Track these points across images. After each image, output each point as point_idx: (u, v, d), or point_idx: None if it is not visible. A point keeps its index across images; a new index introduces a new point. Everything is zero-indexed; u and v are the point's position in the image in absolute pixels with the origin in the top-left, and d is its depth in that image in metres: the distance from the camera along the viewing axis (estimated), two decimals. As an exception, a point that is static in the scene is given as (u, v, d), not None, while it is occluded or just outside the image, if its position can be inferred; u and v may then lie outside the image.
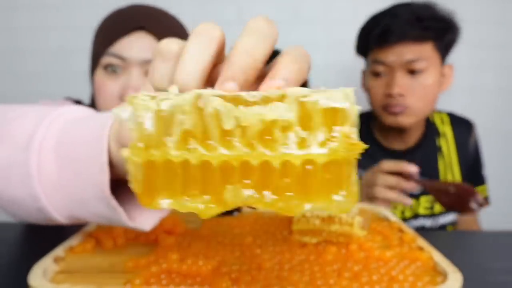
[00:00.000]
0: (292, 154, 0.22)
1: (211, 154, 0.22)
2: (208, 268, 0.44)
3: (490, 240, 0.63)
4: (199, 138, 0.22)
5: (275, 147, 0.22)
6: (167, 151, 0.22)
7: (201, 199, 0.23)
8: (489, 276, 0.48)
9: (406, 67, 0.89)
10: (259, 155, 0.22)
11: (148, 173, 0.23)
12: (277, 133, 0.22)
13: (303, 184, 0.22)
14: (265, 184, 0.23)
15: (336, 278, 0.43)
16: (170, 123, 0.22)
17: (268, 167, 0.22)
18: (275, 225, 0.59)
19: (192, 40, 0.26)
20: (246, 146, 0.22)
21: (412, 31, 0.87)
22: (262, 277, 0.43)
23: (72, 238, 0.52)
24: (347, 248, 0.51)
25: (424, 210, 0.98)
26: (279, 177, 0.22)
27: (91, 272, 0.45)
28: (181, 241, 0.54)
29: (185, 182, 0.23)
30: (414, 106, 0.91)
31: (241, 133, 0.22)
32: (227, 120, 0.22)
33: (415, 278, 0.43)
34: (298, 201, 0.23)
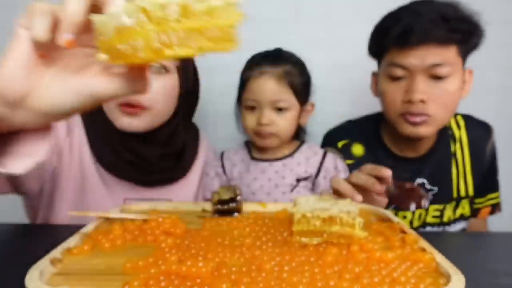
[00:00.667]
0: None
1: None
2: (207, 269, 0.43)
3: (493, 241, 0.62)
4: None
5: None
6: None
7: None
8: (492, 278, 0.48)
9: (428, 72, 0.81)
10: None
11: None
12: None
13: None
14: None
15: (336, 279, 0.42)
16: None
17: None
18: (275, 226, 0.59)
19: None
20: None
21: (437, 32, 0.78)
22: (262, 278, 0.42)
23: (70, 240, 0.52)
24: (348, 249, 0.50)
25: (432, 219, 0.94)
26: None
27: (88, 274, 0.45)
28: (180, 242, 0.53)
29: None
30: (436, 114, 0.83)
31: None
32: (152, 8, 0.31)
33: (417, 280, 0.42)
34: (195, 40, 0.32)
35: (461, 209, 0.95)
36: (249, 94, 0.94)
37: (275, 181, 0.94)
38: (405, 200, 0.50)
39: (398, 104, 0.85)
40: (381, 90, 0.90)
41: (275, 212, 0.67)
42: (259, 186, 0.94)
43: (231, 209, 0.66)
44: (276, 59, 0.95)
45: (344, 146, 0.98)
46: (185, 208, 0.71)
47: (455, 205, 0.95)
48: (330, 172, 0.96)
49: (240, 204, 0.67)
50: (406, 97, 0.83)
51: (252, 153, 1.00)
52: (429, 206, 0.93)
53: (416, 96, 0.81)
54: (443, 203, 0.94)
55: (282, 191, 0.93)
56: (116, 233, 0.55)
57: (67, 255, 0.49)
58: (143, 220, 0.60)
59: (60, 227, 0.66)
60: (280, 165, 0.96)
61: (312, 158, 0.96)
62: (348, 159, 0.97)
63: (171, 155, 0.89)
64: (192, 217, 0.67)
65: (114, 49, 0.33)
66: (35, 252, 0.46)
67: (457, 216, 0.96)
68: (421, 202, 0.50)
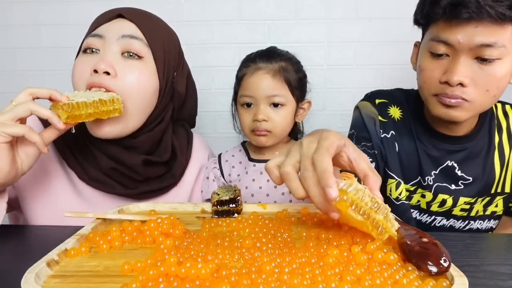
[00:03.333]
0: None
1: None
2: (207, 271, 0.42)
3: (498, 243, 0.61)
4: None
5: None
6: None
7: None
8: (496, 281, 0.47)
9: (475, 52, 0.72)
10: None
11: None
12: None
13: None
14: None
15: (338, 281, 0.42)
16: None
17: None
18: (275, 228, 0.58)
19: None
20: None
21: (494, 7, 0.67)
22: (262, 280, 0.41)
23: (67, 241, 0.51)
24: (349, 251, 0.49)
25: (459, 212, 0.87)
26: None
27: (86, 276, 0.44)
28: (179, 243, 0.52)
29: None
30: (475, 100, 0.75)
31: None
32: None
33: (420, 282, 0.42)
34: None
35: (494, 207, 0.88)
36: (244, 91, 0.94)
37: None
38: (424, 259, 0.45)
39: (435, 83, 0.77)
40: (420, 65, 0.81)
41: (275, 213, 0.67)
42: (258, 187, 0.94)
43: (230, 210, 0.66)
44: (270, 56, 0.95)
45: (381, 104, 0.92)
46: (184, 209, 0.70)
47: (488, 201, 0.88)
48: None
49: (240, 205, 0.67)
50: (444, 78, 0.75)
51: (249, 154, 1.00)
52: (459, 198, 0.85)
53: (455, 78, 0.73)
54: (475, 196, 0.86)
55: (281, 192, 0.93)
56: (114, 234, 0.54)
57: (64, 257, 0.48)
58: (142, 221, 0.59)
59: (57, 228, 0.65)
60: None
61: None
62: (382, 116, 0.91)
63: (158, 164, 0.81)
64: (191, 218, 0.66)
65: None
66: (31, 254, 0.46)
67: (488, 213, 0.89)
68: (439, 261, 0.43)
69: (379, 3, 1.34)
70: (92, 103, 0.64)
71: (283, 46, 1.04)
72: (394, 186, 0.89)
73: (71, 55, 0.72)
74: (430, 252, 0.45)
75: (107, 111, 0.67)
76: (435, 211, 0.88)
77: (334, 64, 1.38)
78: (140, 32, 0.75)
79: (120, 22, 0.75)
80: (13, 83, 1.43)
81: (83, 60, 0.74)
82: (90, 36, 0.75)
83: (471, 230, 0.90)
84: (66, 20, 1.38)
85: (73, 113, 0.63)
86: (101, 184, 0.76)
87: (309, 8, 1.36)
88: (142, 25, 0.75)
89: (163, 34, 0.80)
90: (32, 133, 0.58)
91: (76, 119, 0.64)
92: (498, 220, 0.92)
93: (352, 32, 1.36)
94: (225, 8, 1.36)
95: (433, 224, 0.90)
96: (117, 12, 0.76)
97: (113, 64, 0.71)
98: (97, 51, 0.73)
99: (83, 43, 0.76)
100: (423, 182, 0.87)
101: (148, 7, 0.81)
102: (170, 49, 0.80)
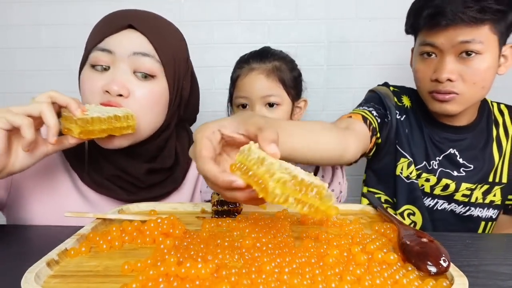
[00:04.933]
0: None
1: None
2: (207, 271, 0.42)
3: (497, 243, 0.61)
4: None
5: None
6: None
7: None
8: (495, 281, 0.47)
9: (459, 49, 0.82)
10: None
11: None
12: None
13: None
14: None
15: (338, 281, 0.42)
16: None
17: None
18: (275, 228, 0.58)
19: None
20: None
21: (467, 13, 0.78)
22: (262, 280, 0.41)
23: (67, 241, 0.51)
24: (349, 251, 0.49)
25: (461, 197, 0.93)
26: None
27: (86, 276, 0.44)
28: (179, 243, 0.52)
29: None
30: (464, 93, 0.84)
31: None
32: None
33: (420, 282, 0.42)
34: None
35: (492, 196, 0.94)
36: (239, 92, 0.93)
37: None
38: (423, 259, 0.45)
39: (428, 82, 0.88)
40: (414, 67, 0.92)
41: (275, 213, 0.67)
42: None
43: (231, 210, 0.66)
44: (264, 56, 0.95)
45: (395, 91, 1.00)
46: (184, 209, 0.70)
47: (487, 189, 0.94)
48: (328, 170, 0.95)
49: (240, 205, 0.67)
50: (434, 76, 0.85)
51: None
52: (461, 184, 0.92)
53: (443, 75, 0.83)
54: (476, 182, 0.93)
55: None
56: (114, 234, 0.54)
57: (64, 257, 0.48)
58: (142, 221, 0.59)
59: (57, 228, 0.65)
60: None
61: None
62: (397, 101, 0.98)
63: (161, 170, 0.81)
64: (191, 218, 0.66)
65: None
66: (31, 254, 0.46)
67: (487, 201, 0.94)
68: (439, 261, 0.43)
69: (379, 3, 1.35)
70: (106, 119, 0.63)
71: (283, 46, 1.04)
72: (406, 165, 0.94)
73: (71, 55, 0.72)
74: (429, 252, 0.45)
75: (120, 127, 0.65)
76: (438, 194, 0.94)
77: (334, 64, 1.38)
78: (151, 47, 0.72)
79: (130, 34, 0.72)
80: (12, 83, 1.43)
81: (92, 77, 0.71)
82: (98, 50, 0.71)
83: (471, 217, 0.95)
84: (65, 20, 1.38)
85: (86, 128, 0.61)
86: (103, 189, 0.76)
87: (309, 8, 1.36)
88: (153, 38, 0.72)
89: (173, 43, 0.77)
90: (28, 129, 0.56)
91: (89, 134, 0.62)
92: (498, 210, 0.97)
93: (352, 32, 1.37)
94: (225, 8, 1.36)
95: (435, 208, 0.95)
96: (127, 22, 0.72)
97: (126, 84, 0.69)
98: (107, 67, 0.71)
99: (90, 55, 0.72)
100: (429, 166, 0.94)
101: (148, 7, 0.81)
102: (180, 59, 0.78)
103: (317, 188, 0.39)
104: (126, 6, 0.79)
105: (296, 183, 0.38)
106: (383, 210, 0.66)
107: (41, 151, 0.62)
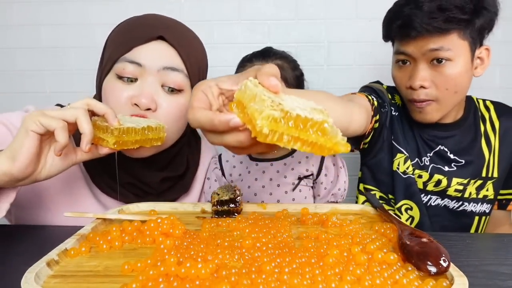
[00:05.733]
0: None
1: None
2: (207, 271, 0.42)
3: (497, 243, 0.61)
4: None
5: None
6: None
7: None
8: (495, 281, 0.47)
9: (429, 56, 0.85)
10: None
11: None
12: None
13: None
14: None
15: (338, 281, 0.42)
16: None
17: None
18: (275, 228, 0.58)
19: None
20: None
21: (433, 24, 0.82)
22: (262, 280, 0.41)
23: (67, 241, 0.51)
24: (349, 251, 0.49)
25: (454, 192, 0.94)
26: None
27: (86, 276, 0.44)
28: (179, 243, 0.52)
29: None
30: (440, 98, 0.87)
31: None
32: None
33: (420, 282, 0.42)
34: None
35: (485, 191, 0.95)
36: None
37: (276, 181, 0.93)
38: (423, 259, 0.45)
39: (405, 89, 0.91)
40: (392, 74, 0.95)
41: (275, 213, 0.67)
42: (261, 186, 0.94)
43: (230, 210, 0.66)
44: (266, 55, 0.96)
45: (388, 89, 1.02)
46: (184, 209, 0.70)
47: (480, 184, 0.95)
48: (331, 169, 0.95)
49: (240, 205, 0.67)
50: (408, 83, 0.89)
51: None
52: (452, 179, 0.93)
53: (416, 82, 0.86)
54: (467, 177, 0.94)
55: (284, 190, 0.93)
56: (114, 234, 0.54)
57: (64, 257, 0.48)
58: (142, 221, 0.59)
59: (57, 228, 0.65)
60: (281, 164, 0.95)
61: (313, 156, 0.96)
62: (391, 98, 0.99)
63: (173, 178, 0.82)
64: (191, 218, 0.66)
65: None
66: (31, 254, 0.46)
67: (480, 196, 0.95)
68: (439, 261, 0.43)
69: (379, 3, 1.34)
70: (140, 130, 0.62)
71: (283, 46, 1.04)
72: (403, 160, 0.96)
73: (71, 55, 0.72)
74: (429, 252, 0.45)
75: (151, 139, 0.65)
76: (431, 190, 0.96)
77: (334, 64, 1.39)
78: (180, 61, 0.71)
79: (160, 46, 0.70)
80: (12, 83, 1.43)
81: (119, 88, 0.69)
82: (126, 61, 0.69)
83: (465, 211, 0.96)
84: (65, 20, 1.38)
85: (121, 139, 0.60)
86: (114, 193, 0.76)
87: (309, 8, 1.36)
88: (183, 51, 0.72)
89: (199, 55, 0.76)
90: (63, 132, 0.54)
91: (123, 145, 0.61)
92: (491, 204, 0.98)
93: (352, 32, 1.37)
94: (225, 8, 1.36)
95: (429, 204, 0.97)
96: (157, 33, 0.70)
97: (154, 98, 0.69)
98: (134, 79, 0.70)
99: (116, 65, 0.70)
100: (421, 163, 0.96)
101: (148, 7, 0.81)
102: (203, 70, 0.79)
103: (317, 124, 0.35)
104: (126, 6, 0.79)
105: (288, 118, 0.34)
106: (383, 210, 0.66)
107: (71, 159, 0.61)
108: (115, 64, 0.70)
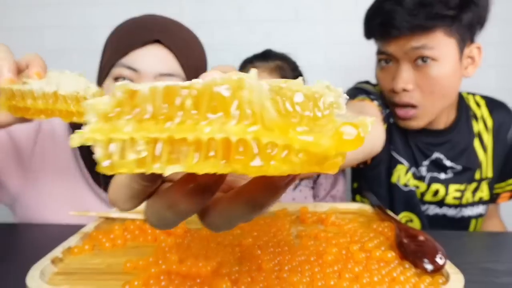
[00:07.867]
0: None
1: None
2: (207, 269, 0.43)
3: (493, 241, 0.62)
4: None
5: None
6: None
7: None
8: (491, 278, 0.48)
9: (412, 55, 0.78)
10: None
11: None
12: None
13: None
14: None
15: (336, 279, 0.42)
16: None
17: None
18: (276, 226, 0.59)
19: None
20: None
21: (416, 21, 0.75)
22: (262, 278, 0.42)
23: (70, 239, 0.52)
24: (348, 249, 0.50)
25: (452, 200, 0.89)
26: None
27: (89, 274, 0.45)
28: (180, 242, 0.53)
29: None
30: (423, 104, 0.80)
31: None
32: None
33: (417, 279, 0.43)
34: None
35: (480, 192, 0.92)
36: None
37: None
38: (420, 256, 0.46)
39: (387, 92, 0.85)
40: (376, 76, 0.89)
41: (275, 212, 0.67)
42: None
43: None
44: (267, 56, 0.98)
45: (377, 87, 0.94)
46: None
47: (476, 187, 0.91)
48: (329, 177, 0.96)
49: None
50: (391, 85, 0.82)
51: None
52: (449, 186, 0.89)
53: (398, 85, 0.80)
54: (464, 183, 0.90)
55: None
56: (117, 232, 0.55)
57: (68, 255, 0.49)
58: (144, 220, 0.60)
59: (61, 226, 0.66)
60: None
61: None
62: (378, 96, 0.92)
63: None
64: (192, 217, 0.66)
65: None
66: (36, 252, 0.46)
67: (476, 199, 0.92)
68: (435, 258, 0.44)
69: (378, 4, 1.35)
70: (42, 95, 0.44)
71: (283, 47, 1.05)
72: (404, 172, 0.90)
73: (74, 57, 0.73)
74: (426, 250, 0.46)
75: (63, 111, 0.46)
76: (429, 201, 0.91)
77: (334, 64, 1.39)
78: (177, 65, 0.70)
79: (156, 50, 0.69)
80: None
81: None
82: (122, 67, 0.68)
83: (463, 218, 0.92)
84: (68, 22, 1.38)
85: (9, 103, 0.44)
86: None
87: (309, 9, 1.37)
88: (180, 54, 0.70)
89: (197, 56, 0.75)
90: None
91: (21, 112, 0.45)
92: (486, 205, 0.95)
93: (352, 33, 1.37)
94: (225, 9, 1.37)
95: (426, 213, 0.92)
96: (153, 36, 0.69)
97: None
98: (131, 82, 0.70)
99: (113, 70, 0.69)
100: (417, 173, 0.90)
101: (148, 8, 0.82)
102: (202, 71, 0.77)
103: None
104: (127, 8, 0.79)
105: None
106: (381, 209, 0.67)
107: None
108: (112, 69, 0.70)
